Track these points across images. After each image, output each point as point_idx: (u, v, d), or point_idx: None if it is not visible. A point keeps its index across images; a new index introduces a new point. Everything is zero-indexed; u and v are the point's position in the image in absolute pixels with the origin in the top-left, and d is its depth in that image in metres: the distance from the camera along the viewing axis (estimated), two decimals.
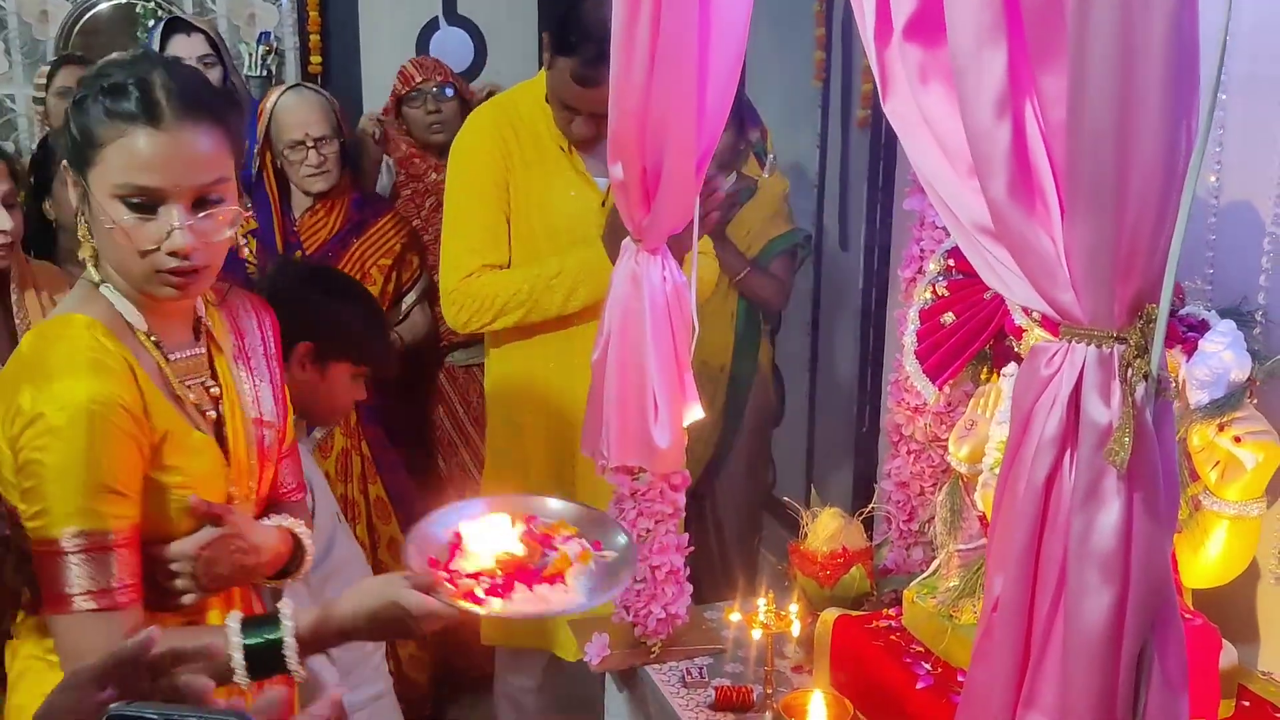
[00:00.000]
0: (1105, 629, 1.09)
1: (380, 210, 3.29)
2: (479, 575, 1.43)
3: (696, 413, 2.01)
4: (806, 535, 2.10)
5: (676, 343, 1.94)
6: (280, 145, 3.10)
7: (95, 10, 4.31)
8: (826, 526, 2.08)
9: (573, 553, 1.46)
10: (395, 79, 3.66)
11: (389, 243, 3.20)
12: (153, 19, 4.05)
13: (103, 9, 4.32)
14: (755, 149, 3.47)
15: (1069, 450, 1.11)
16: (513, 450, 2.68)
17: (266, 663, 1.44)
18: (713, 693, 1.94)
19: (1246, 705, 1.69)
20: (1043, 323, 1.67)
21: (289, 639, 1.44)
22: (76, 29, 4.29)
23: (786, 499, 2.24)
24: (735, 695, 1.92)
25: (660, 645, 2.09)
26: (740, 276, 3.28)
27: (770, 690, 1.91)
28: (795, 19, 4.05)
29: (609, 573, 1.48)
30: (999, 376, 1.84)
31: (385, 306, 3.16)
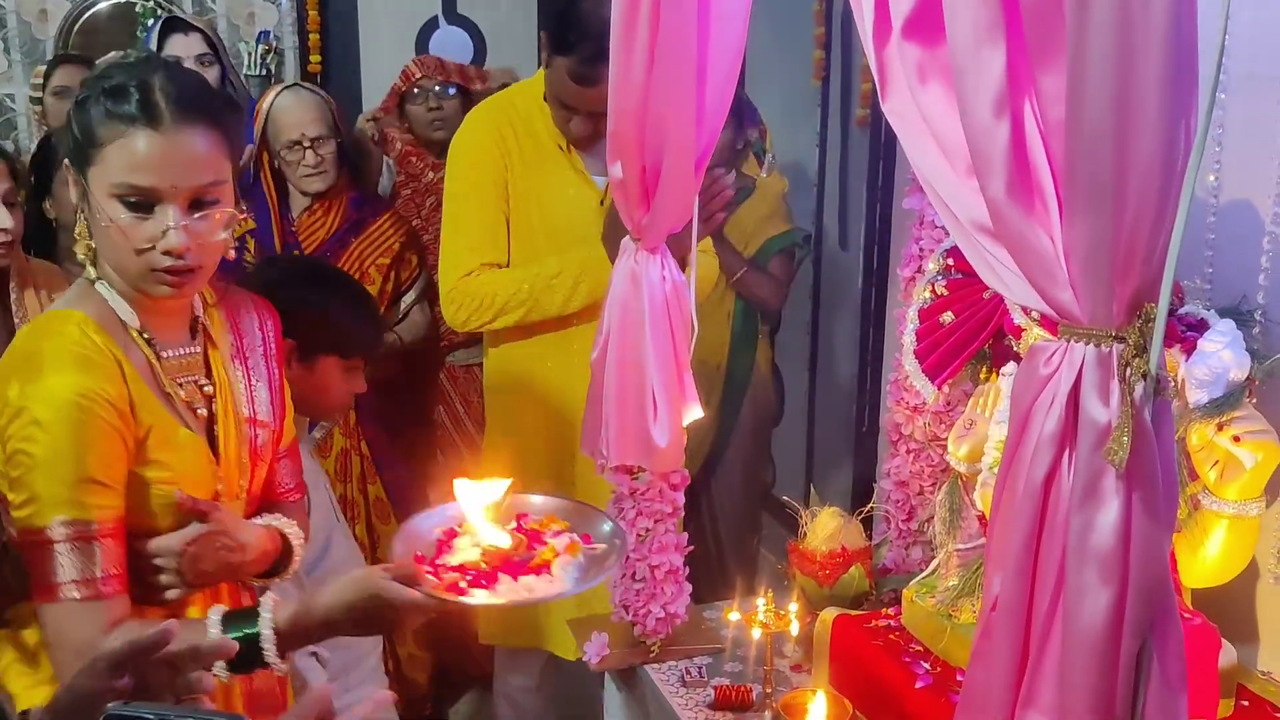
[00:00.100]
0: (1104, 628, 1.09)
1: (378, 209, 3.28)
2: (463, 568, 1.42)
3: (696, 412, 2.01)
4: (806, 534, 2.10)
5: (676, 342, 1.94)
6: (277, 145, 3.09)
7: (94, 9, 4.31)
8: (826, 526, 2.08)
9: (560, 545, 1.45)
10: (398, 77, 3.66)
11: (387, 242, 3.19)
12: (152, 18, 4.05)
13: (102, 8, 4.32)
14: (754, 148, 3.47)
15: (1068, 449, 1.11)
16: (512, 449, 2.67)
17: (247, 657, 1.43)
18: (712, 692, 1.94)
19: (1245, 705, 1.69)
20: (1042, 322, 1.67)
21: (266, 631, 1.44)
22: (76, 28, 4.29)
23: (786, 498, 2.24)
24: (734, 694, 1.92)
25: (659, 644, 2.09)
26: (737, 276, 3.28)
27: (769, 690, 1.91)
28: (795, 18, 4.05)
29: (597, 563, 1.47)
30: (998, 376, 1.84)
31: (384, 306, 3.15)
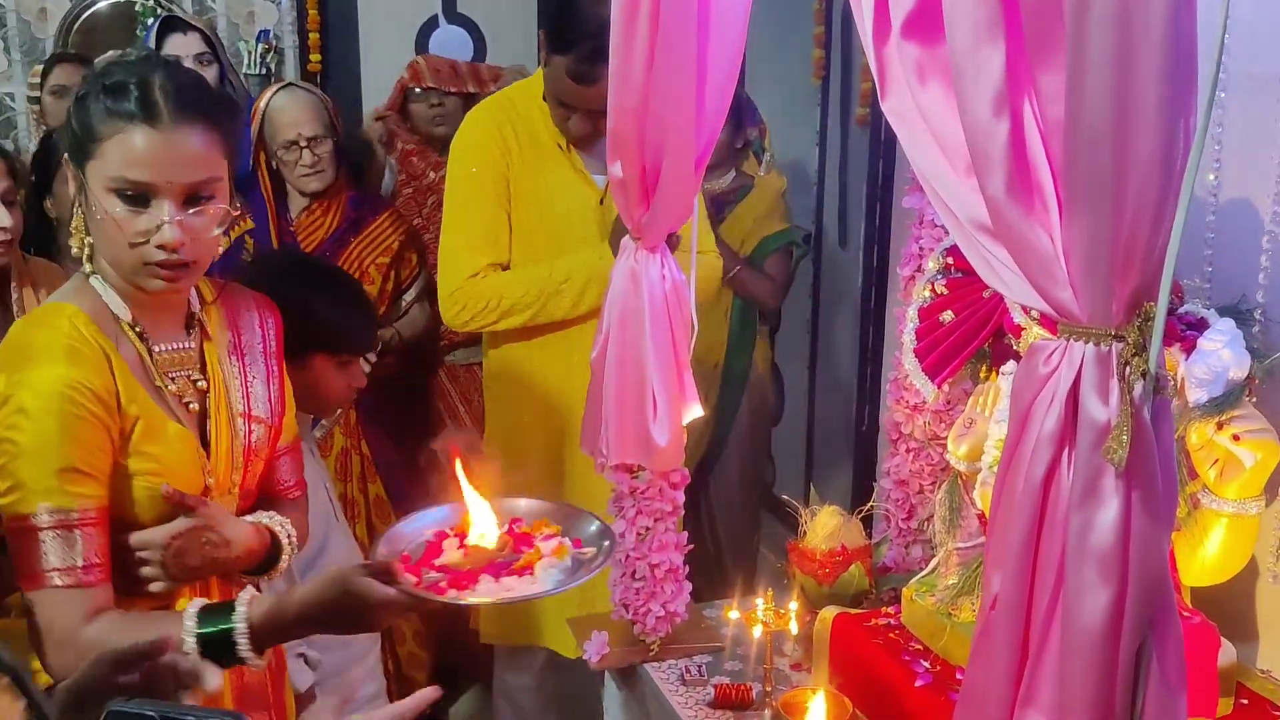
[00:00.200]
0: (1103, 627, 1.09)
1: (378, 208, 3.27)
2: (445, 568, 1.42)
3: (696, 411, 2.01)
4: (805, 533, 2.10)
5: (675, 341, 1.94)
6: (274, 145, 3.09)
7: (94, 9, 4.31)
8: (825, 524, 2.08)
9: (547, 549, 1.44)
10: (405, 71, 3.66)
11: (387, 241, 3.19)
12: (151, 17, 4.05)
13: (101, 7, 4.32)
14: (753, 146, 3.47)
15: (1067, 448, 1.11)
16: (512, 448, 2.67)
17: (223, 651, 1.43)
18: (712, 691, 1.94)
19: (1245, 703, 1.69)
20: (1041, 321, 1.67)
21: (240, 626, 1.44)
22: (75, 27, 4.29)
23: (785, 497, 2.24)
24: (734, 693, 1.92)
25: (659, 643, 2.09)
26: (731, 274, 3.28)
27: (769, 688, 1.91)
28: (794, 16, 4.05)
29: (584, 566, 1.45)
30: (998, 375, 1.84)
31: (384, 305, 3.15)
